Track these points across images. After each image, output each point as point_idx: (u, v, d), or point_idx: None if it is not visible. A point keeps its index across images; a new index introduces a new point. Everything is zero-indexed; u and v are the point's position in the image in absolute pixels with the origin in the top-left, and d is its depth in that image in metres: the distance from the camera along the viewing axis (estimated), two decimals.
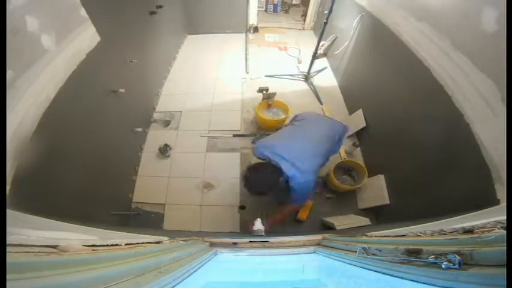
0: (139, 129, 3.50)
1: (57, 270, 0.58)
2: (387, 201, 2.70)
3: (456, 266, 0.65)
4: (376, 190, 2.88)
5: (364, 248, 1.07)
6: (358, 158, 3.49)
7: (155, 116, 4.17)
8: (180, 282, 0.96)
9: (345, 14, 4.21)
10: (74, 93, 2.01)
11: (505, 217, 0.74)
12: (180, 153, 3.67)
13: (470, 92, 1.72)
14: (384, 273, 0.88)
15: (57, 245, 0.68)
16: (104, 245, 0.86)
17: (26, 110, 1.53)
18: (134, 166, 3.47)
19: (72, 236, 0.96)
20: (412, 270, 0.77)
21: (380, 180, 2.85)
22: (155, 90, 4.45)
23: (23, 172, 1.48)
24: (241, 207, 3.13)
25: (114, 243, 0.92)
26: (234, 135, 3.86)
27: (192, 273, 1.13)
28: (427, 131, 2.19)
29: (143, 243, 1.11)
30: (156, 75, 4.50)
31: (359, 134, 3.56)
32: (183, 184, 3.37)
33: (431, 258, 0.71)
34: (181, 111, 4.24)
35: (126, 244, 0.97)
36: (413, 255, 0.80)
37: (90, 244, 0.81)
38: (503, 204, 1.39)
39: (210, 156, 3.64)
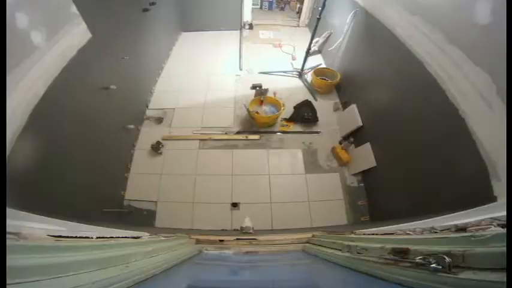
0: (132, 126, 3.45)
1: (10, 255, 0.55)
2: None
3: (446, 269, 0.58)
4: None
5: (349, 247, 1.02)
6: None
7: (148, 113, 4.11)
8: (152, 277, 0.95)
9: (338, 10, 4.17)
10: (64, 90, 1.98)
11: (502, 213, 0.68)
12: (173, 151, 3.62)
13: (465, 86, 1.68)
14: (368, 274, 0.82)
15: (19, 232, 0.66)
16: (71, 237, 0.83)
17: (14, 107, 1.51)
18: (126, 163, 3.42)
19: (43, 227, 0.93)
20: (397, 272, 0.71)
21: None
22: (148, 87, 4.40)
23: (11, 170, 1.44)
24: (233, 205, 3.10)
25: (83, 236, 0.88)
26: (227, 132, 3.81)
27: (168, 269, 1.10)
28: (421, 125, 2.16)
29: (118, 237, 1.06)
30: (149, 72, 4.44)
31: (353, 131, 3.51)
32: (175, 181, 3.33)
33: (419, 259, 0.65)
34: (174, 109, 4.19)
35: (97, 237, 0.93)
36: (399, 255, 0.74)
37: (57, 235, 0.78)
38: (501, 201, 1.34)
39: (202, 153, 3.58)
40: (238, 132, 3.81)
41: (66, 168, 2.09)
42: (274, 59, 5.27)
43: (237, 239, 1.80)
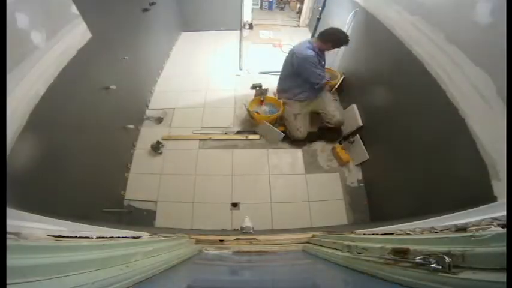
0: (132, 126, 3.45)
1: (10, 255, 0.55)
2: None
3: (446, 269, 0.58)
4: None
5: (349, 247, 1.02)
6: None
7: (148, 113, 4.11)
8: (152, 277, 0.94)
9: (338, 10, 4.16)
10: (64, 90, 1.98)
11: (502, 213, 0.67)
12: (173, 151, 3.61)
13: (465, 86, 1.67)
14: (368, 274, 0.82)
15: (19, 232, 0.67)
16: (71, 237, 0.83)
17: (14, 107, 1.50)
18: (126, 163, 3.41)
19: (43, 227, 0.94)
20: (397, 272, 0.71)
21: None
22: (148, 87, 4.40)
23: (11, 170, 1.43)
24: (234, 205, 3.09)
25: (83, 236, 0.89)
26: (227, 132, 3.81)
27: (168, 269, 1.10)
28: (421, 126, 2.16)
29: (118, 237, 1.06)
30: (149, 72, 4.44)
31: (354, 131, 3.50)
32: (175, 181, 3.32)
33: (419, 259, 0.65)
34: (174, 108, 4.19)
35: (97, 237, 0.94)
36: (399, 255, 0.74)
37: (57, 235, 0.78)
38: (501, 201, 1.34)
39: (202, 153, 3.58)
40: (238, 132, 3.81)
41: (66, 168, 2.09)
42: (274, 59, 5.24)
43: (237, 239, 1.80)
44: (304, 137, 3.52)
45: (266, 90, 4.01)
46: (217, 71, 5.02)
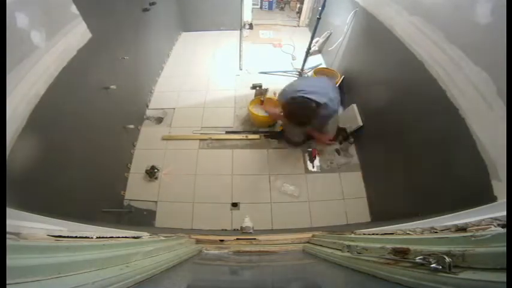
0: (132, 126, 3.44)
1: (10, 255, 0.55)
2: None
3: (446, 269, 0.58)
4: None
5: (349, 247, 1.02)
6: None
7: (148, 112, 4.11)
8: (152, 277, 0.94)
9: (338, 9, 4.16)
10: (64, 89, 1.97)
11: (502, 213, 0.67)
12: (173, 150, 3.62)
13: (465, 86, 1.67)
14: (368, 274, 0.82)
15: (19, 232, 0.67)
16: (71, 237, 0.84)
17: (14, 106, 1.50)
18: (126, 163, 3.41)
19: (43, 227, 0.94)
20: (397, 272, 0.71)
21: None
22: (148, 87, 4.39)
23: (11, 170, 1.42)
24: (234, 205, 3.09)
25: (83, 236, 0.89)
26: (227, 132, 3.81)
27: (168, 269, 1.10)
28: (421, 125, 2.15)
29: (118, 237, 1.06)
30: (149, 72, 4.43)
31: (353, 131, 3.50)
32: (175, 181, 3.32)
33: (419, 259, 0.65)
34: (174, 108, 4.18)
35: (97, 237, 0.94)
36: (399, 255, 0.74)
37: (57, 235, 0.79)
38: (501, 201, 1.33)
39: (202, 153, 3.58)
40: (238, 132, 3.81)
41: (66, 168, 2.09)
42: (274, 59, 5.25)
43: (237, 238, 1.80)
44: (301, 140, 3.53)
45: (266, 90, 4.01)
46: (217, 71, 5.01)
